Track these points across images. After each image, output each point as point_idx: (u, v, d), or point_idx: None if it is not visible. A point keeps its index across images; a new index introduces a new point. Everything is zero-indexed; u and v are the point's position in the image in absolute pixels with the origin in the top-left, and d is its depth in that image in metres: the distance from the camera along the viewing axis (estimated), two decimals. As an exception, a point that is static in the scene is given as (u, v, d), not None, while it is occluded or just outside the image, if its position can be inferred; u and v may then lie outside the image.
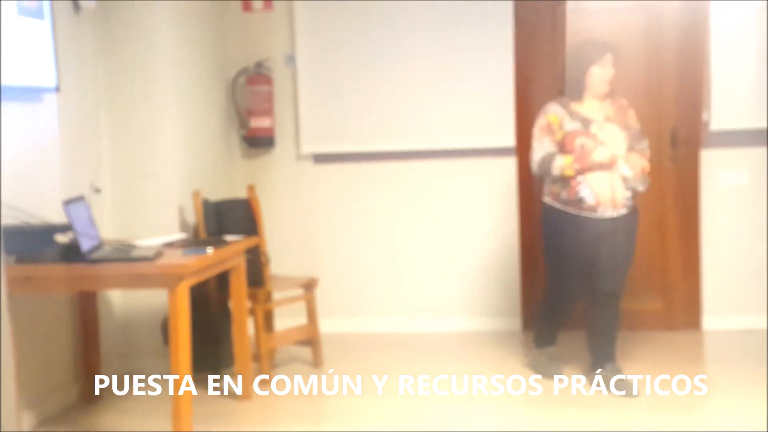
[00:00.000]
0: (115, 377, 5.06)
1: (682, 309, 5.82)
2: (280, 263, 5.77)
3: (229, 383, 4.93)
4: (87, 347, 4.73)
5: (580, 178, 4.40)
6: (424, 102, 5.89)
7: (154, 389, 4.88)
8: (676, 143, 5.71)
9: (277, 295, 5.32)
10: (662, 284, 5.84)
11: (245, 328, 4.69)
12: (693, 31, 5.65)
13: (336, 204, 6.11)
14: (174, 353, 3.89)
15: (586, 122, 4.47)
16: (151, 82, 5.14)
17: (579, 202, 4.42)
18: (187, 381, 3.90)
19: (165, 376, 4.62)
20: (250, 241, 4.76)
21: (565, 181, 4.45)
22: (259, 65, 6.00)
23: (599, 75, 4.46)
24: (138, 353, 5.22)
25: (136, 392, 4.89)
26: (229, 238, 4.63)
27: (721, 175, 5.72)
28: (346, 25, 5.91)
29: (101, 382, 4.76)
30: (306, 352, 5.41)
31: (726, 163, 5.70)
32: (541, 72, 5.77)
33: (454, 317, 6.03)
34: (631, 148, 4.51)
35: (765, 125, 5.56)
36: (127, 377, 5.11)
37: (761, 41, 5.52)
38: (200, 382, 4.83)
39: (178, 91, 5.28)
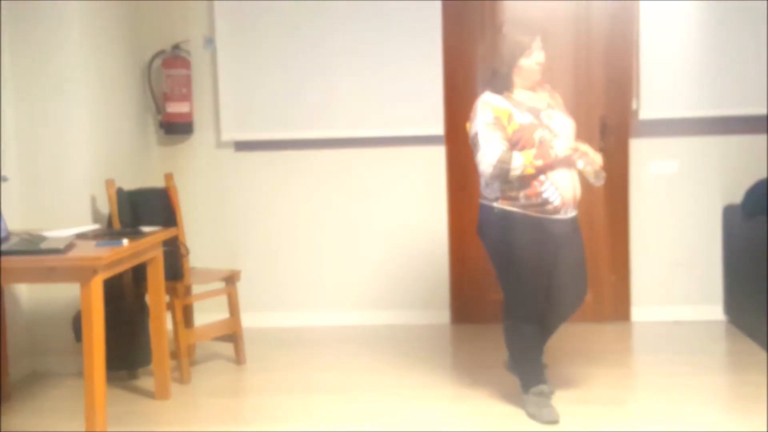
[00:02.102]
0: (24, 376, 4.91)
1: (610, 301, 5.80)
2: (199, 255, 5.59)
3: (145, 382, 4.77)
4: (-7, 345, 4.53)
5: (542, 177, 3.91)
6: (351, 88, 5.76)
7: (65, 389, 4.73)
8: (605, 132, 5.68)
9: (196, 289, 5.17)
10: (591, 276, 5.70)
11: (163, 323, 4.54)
12: (622, 19, 5.62)
13: (258, 194, 5.94)
14: (87, 351, 3.75)
15: (535, 112, 3.99)
16: (59, 64, 4.94)
17: (543, 203, 3.93)
18: (101, 380, 3.78)
19: (78, 375, 4.46)
20: (168, 232, 4.60)
21: (523, 181, 3.90)
22: (176, 47, 5.78)
23: (529, 66, 4.00)
24: (48, 351, 5.04)
25: (47, 392, 4.72)
26: (146, 229, 4.47)
27: (650, 165, 5.70)
28: (268, 5, 5.73)
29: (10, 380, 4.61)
30: (228, 348, 5.27)
31: (655, 153, 5.69)
32: (471, 59, 5.68)
33: (382, 310, 5.92)
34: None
35: (694, 114, 5.57)
36: (37, 376, 4.95)
37: (690, 29, 5.52)
38: (115, 380, 4.75)
39: (88, 73, 5.08)
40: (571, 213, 4.02)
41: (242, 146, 5.92)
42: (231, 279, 5.10)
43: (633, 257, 5.78)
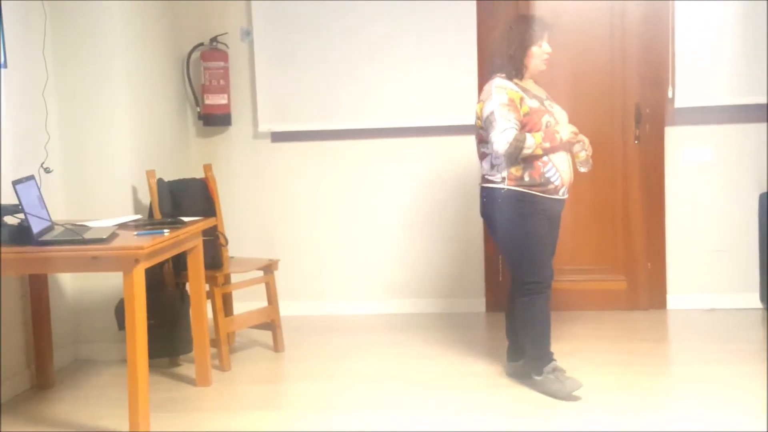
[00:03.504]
0: (67, 364, 4.96)
1: (646, 288, 5.79)
2: (237, 245, 5.65)
3: (186, 369, 4.83)
4: (38, 333, 4.60)
5: (545, 158, 4.17)
6: (386, 79, 5.78)
7: (108, 376, 4.79)
8: (641, 121, 5.66)
9: (235, 278, 5.20)
10: (627, 264, 5.80)
11: (203, 311, 4.58)
12: (657, 7, 5.59)
13: (295, 183, 5.99)
14: (130, 338, 3.78)
15: (540, 100, 4.27)
16: (101, 58, 5.00)
17: (545, 183, 4.18)
18: (144, 367, 3.80)
19: (120, 362, 4.52)
20: (208, 222, 4.63)
21: (528, 162, 4.16)
22: (214, 40, 5.84)
23: (539, 54, 4.28)
24: (91, 339, 5.11)
25: (90, 379, 4.78)
26: (186, 219, 4.50)
27: (685, 153, 5.67)
28: (304, -3, 5.78)
29: (54, 368, 4.66)
30: (266, 336, 5.31)
31: (691, 141, 5.66)
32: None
33: (418, 299, 5.95)
34: None
35: (730, 102, 5.53)
36: (80, 364, 5.01)
37: (725, 16, 5.48)
38: (157, 367, 4.79)
39: (129, 67, 5.13)
40: (565, 194, 4.30)
41: (278, 137, 5.97)
42: (269, 268, 5.15)
43: (669, 245, 5.76)
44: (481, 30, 5.66)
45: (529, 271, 4.29)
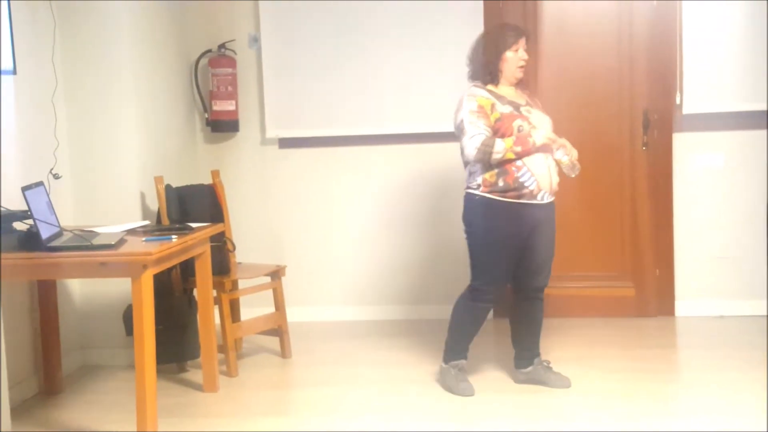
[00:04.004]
0: (75, 369, 4.98)
1: (654, 295, 5.78)
2: (245, 250, 5.66)
3: (194, 374, 4.84)
4: (46, 339, 4.62)
5: (519, 162, 4.19)
6: (394, 85, 5.79)
7: (116, 381, 4.80)
8: (649, 127, 5.66)
9: (243, 284, 5.21)
10: (635, 270, 5.79)
11: (211, 317, 4.59)
12: (665, 12, 5.59)
13: (302, 189, 6.00)
14: (138, 344, 3.79)
15: (515, 105, 4.29)
16: (109, 64, 5.02)
17: (519, 188, 4.20)
18: (152, 372, 3.81)
19: (129, 368, 4.54)
20: (215, 228, 4.64)
21: (501, 167, 4.20)
22: (222, 47, 5.86)
23: (514, 60, 4.31)
24: (100, 344, 5.13)
25: (98, 385, 4.80)
26: (193, 224, 4.51)
27: (694, 159, 5.67)
28: (311, 4, 5.78)
29: (62, 374, 4.67)
30: (273, 342, 5.32)
31: (699, 147, 5.66)
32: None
33: (427, 305, 5.95)
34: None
35: (738, 108, 5.53)
36: (88, 369, 5.03)
37: (733, 22, 5.48)
38: (164, 373, 4.80)
39: (137, 73, 5.15)
40: (548, 199, 4.30)
41: (286, 143, 5.98)
42: (276, 274, 5.16)
43: (677, 251, 5.75)
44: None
45: (485, 280, 4.38)
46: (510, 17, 5.64)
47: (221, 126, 5.92)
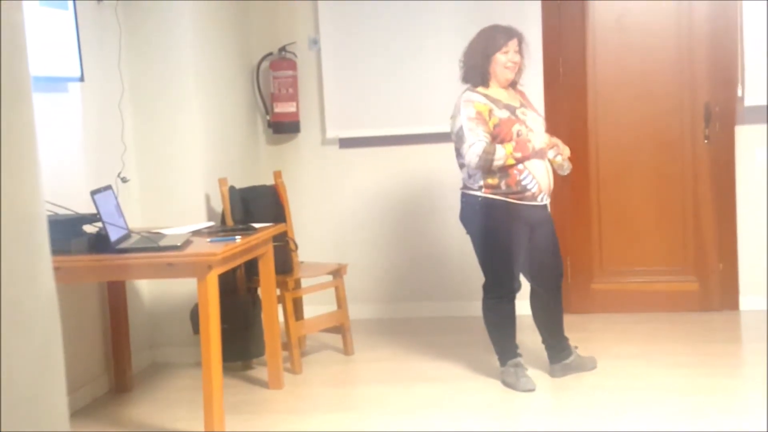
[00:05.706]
0: (145, 368, 5.09)
1: (718, 289, 5.72)
2: (307, 249, 5.73)
3: (259, 372, 4.90)
4: (116, 338, 4.72)
5: (520, 166, 4.24)
6: (452, 85, 5.78)
7: (184, 379, 4.89)
8: (710, 119, 5.61)
9: (305, 282, 5.28)
10: (698, 265, 5.74)
11: (275, 316, 4.65)
12: (724, 5, 5.53)
13: (362, 188, 6.05)
14: (204, 342, 3.86)
15: (511, 109, 4.33)
16: (174, 70, 5.11)
17: (522, 190, 4.27)
18: (218, 370, 3.88)
19: (196, 365, 4.62)
20: (278, 228, 4.70)
21: (503, 171, 4.25)
22: (282, 50, 5.94)
23: (504, 61, 4.32)
24: (167, 343, 5.22)
25: (166, 383, 4.89)
26: (257, 225, 4.58)
27: (757, 152, 5.59)
28: (370, 5, 5.83)
29: (132, 372, 4.77)
30: (336, 339, 5.37)
31: (762, 139, 5.58)
32: (569, 54, 5.67)
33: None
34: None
35: (801, 99, 5.44)
36: (157, 367, 5.12)
37: (796, 13, 5.39)
38: (230, 371, 4.86)
39: (201, 77, 5.24)
40: (546, 200, 4.38)
41: (346, 143, 6.04)
42: (338, 272, 5.22)
43: (741, 245, 5.68)
44: (546, 31, 5.66)
45: (495, 279, 4.44)
46: (568, 16, 5.64)
47: (282, 127, 6.00)
